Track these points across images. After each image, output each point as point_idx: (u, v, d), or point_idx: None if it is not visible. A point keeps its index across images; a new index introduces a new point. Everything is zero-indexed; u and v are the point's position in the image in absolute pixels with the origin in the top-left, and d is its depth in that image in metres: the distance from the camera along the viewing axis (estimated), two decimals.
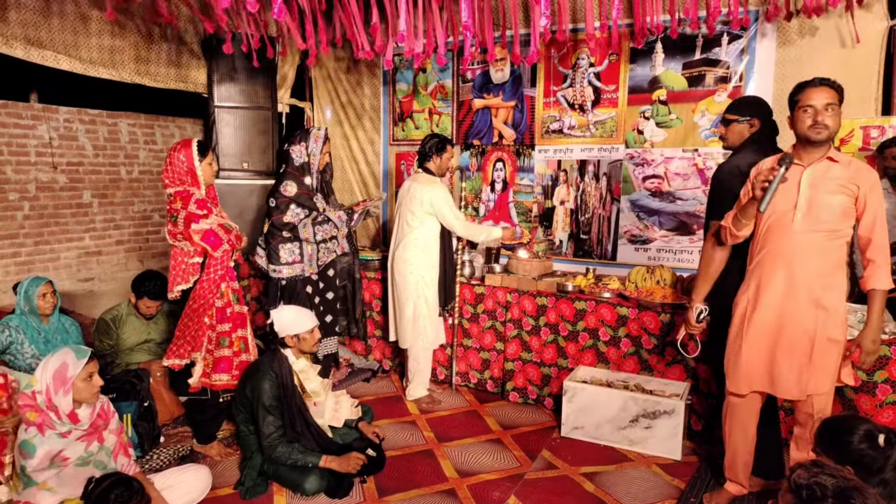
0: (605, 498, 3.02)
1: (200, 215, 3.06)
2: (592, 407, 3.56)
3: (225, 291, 3.18)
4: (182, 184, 3.12)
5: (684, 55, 4.28)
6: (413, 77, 5.37)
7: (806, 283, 2.48)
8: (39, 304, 3.50)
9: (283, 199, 3.65)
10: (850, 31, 3.76)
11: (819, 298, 2.47)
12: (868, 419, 2.31)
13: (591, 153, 4.69)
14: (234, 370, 3.21)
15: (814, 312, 2.48)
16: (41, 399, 2.36)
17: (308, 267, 3.71)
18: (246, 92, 4.99)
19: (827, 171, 2.46)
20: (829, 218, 2.45)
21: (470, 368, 4.42)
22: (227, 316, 3.20)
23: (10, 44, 3.93)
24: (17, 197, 4.69)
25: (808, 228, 2.46)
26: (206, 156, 3.17)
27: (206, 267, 3.13)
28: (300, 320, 3.17)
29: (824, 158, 2.47)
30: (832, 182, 2.44)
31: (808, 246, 2.47)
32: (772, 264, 2.55)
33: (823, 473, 1.61)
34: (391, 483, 3.14)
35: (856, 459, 1.96)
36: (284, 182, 3.68)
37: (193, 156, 3.11)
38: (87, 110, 5.10)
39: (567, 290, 4.02)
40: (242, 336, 3.27)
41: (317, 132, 3.76)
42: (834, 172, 2.45)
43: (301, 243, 3.68)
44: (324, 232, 3.71)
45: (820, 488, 1.56)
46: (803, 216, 2.47)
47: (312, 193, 3.73)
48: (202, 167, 3.14)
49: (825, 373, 2.50)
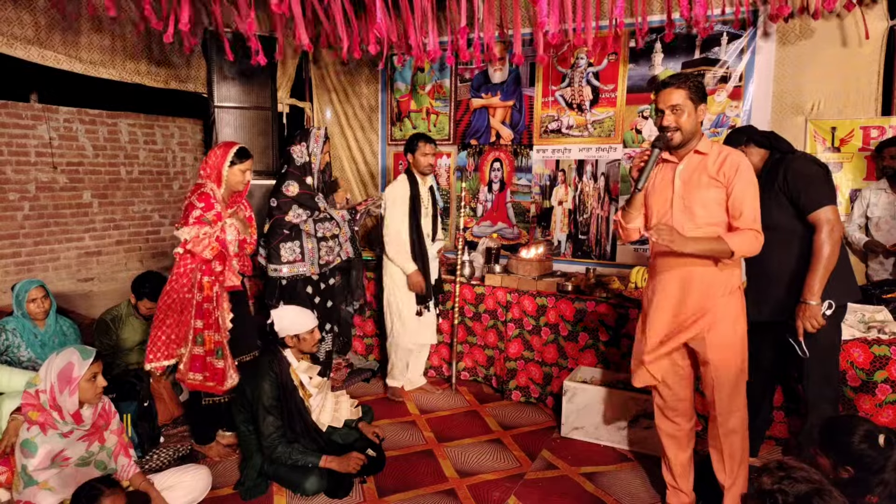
0: (605, 498, 3.02)
1: (198, 207, 3.04)
2: (592, 407, 3.56)
3: (206, 284, 3.08)
4: (205, 177, 3.15)
5: (684, 55, 4.28)
6: (411, 77, 5.38)
7: (693, 277, 2.48)
8: (30, 308, 3.44)
9: (284, 199, 3.65)
10: (850, 31, 3.76)
11: (708, 286, 2.48)
12: (868, 419, 2.32)
13: (590, 153, 4.69)
14: (207, 372, 3.10)
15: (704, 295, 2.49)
16: (45, 398, 2.36)
17: (310, 266, 3.70)
18: (246, 92, 4.99)
19: (697, 165, 2.46)
20: (704, 212, 2.44)
21: (476, 364, 4.44)
22: (202, 311, 3.09)
23: (10, 44, 3.93)
24: (17, 197, 4.69)
25: (687, 224, 2.45)
26: (240, 163, 3.16)
27: (179, 260, 3.10)
28: (301, 321, 3.17)
29: (692, 152, 2.48)
30: (703, 176, 2.44)
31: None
32: (662, 262, 2.56)
33: (788, 478, 1.62)
34: (391, 483, 3.14)
35: (856, 459, 1.96)
36: (287, 182, 3.68)
37: (226, 157, 3.13)
38: (87, 110, 5.10)
39: (567, 290, 4.02)
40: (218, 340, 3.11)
41: (317, 132, 3.76)
42: (703, 165, 2.45)
43: (302, 241, 3.68)
44: (325, 229, 3.71)
45: (782, 495, 1.59)
46: (680, 213, 2.47)
47: (314, 193, 3.73)
48: (229, 170, 3.14)
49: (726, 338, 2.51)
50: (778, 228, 2.76)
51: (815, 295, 2.66)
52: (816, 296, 2.66)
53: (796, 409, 3.31)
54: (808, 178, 2.71)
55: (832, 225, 2.65)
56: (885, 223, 3.76)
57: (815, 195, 2.68)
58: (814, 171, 2.74)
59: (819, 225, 2.66)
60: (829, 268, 2.65)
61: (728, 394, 2.54)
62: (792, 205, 2.74)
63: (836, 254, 2.66)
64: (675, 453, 2.80)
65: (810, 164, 2.77)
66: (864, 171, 3.91)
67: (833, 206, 2.68)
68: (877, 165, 3.84)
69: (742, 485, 2.63)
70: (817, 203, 2.67)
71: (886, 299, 3.38)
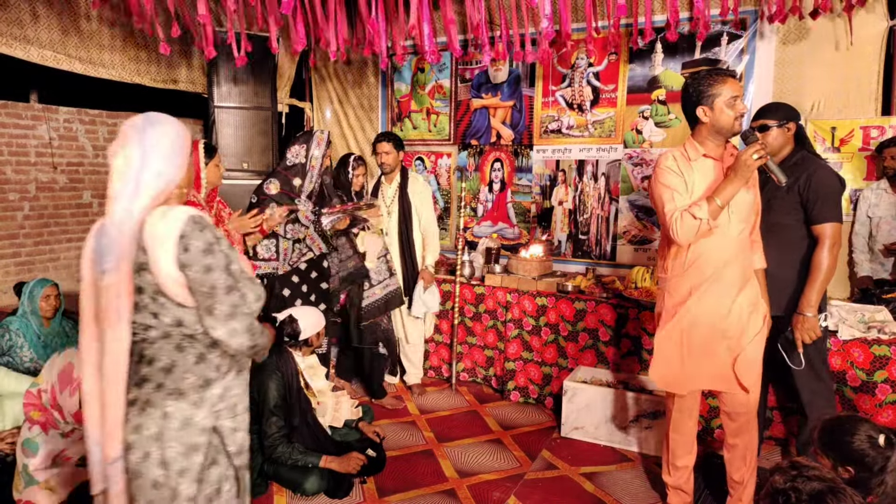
0: (605, 498, 3.02)
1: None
2: (592, 407, 3.56)
3: None
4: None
5: (684, 55, 4.28)
6: (411, 77, 5.38)
7: (734, 280, 2.48)
8: (42, 305, 3.49)
9: (263, 197, 3.64)
10: (850, 31, 3.76)
11: (750, 297, 2.50)
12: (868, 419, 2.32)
13: (590, 153, 4.70)
14: None
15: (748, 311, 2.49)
16: (46, 398, 2.36)
17: (282, 265, 3.68)
18: (246, 92, 4.99)
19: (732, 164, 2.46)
20: (747, 213, 2.46)
21: (476, 365, 4.44)
22: None
23: (10, 44, 3.93)
24: (17, 197, 4.69)
25: (735, 225, 2.45)
26: (213, 157, 3.12)
27: None
28: (319, 319, 3.25)
29: (730, 150, 2.48)
30: None
31: (737, 243, 2.46)
32: (708, 264, 2.47)
33: (801, 476, 1.62)
34: (391, 483, 3.14)
35: (856, 460, 1.96)
36: (270, 180, 3.68)
37: (200, 157, 3.05)
38: (87, 110, 5.10)
39: (567, 290, 4.02)
40: None
41: (320, 135, 3.71)
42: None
43: (278, 241, 3.67)
44: (294, 231, 3.64)
45: (795, 493, 1.58)
46: (733, 214, 2.43)
47: (296, 195, 3.66)
48: (208, 169, 3.09)
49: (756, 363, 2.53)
50: (781, 230, 2.78)
51: (813, 307, 2.71)
52: (814, 308, 2.71)
53: (795, 409, 3.31)
54: (828, 191, 2.75)
55: (834, 241, 2.72)
56: (886, 223, 3.77)
57: (829, 209, 2.73)
58: (835, 186, 2.79)
59: (822, 239, 2.72)
60: (826, 282, 2.73)
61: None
62: (802, 208, 2.76)
63: (834, 269, 2.74)
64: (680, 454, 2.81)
65: (834, 178, 2.80)
66: (864, 171, 3.91)
67: (840, 224, 2.75)
68: (877, 166, 3.84)
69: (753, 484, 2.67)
70: (828, 217, 2.72)
71: (886, 299, 3.38)
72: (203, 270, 1.52)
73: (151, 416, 1.59)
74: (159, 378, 1.59)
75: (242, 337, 1.60)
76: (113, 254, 1.49)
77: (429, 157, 5.39)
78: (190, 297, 1.55)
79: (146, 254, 1.51)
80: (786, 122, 2.85)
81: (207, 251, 1.53)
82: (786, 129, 2.85)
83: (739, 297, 2.48)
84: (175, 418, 1.59)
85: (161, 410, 1.58)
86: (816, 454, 2.10)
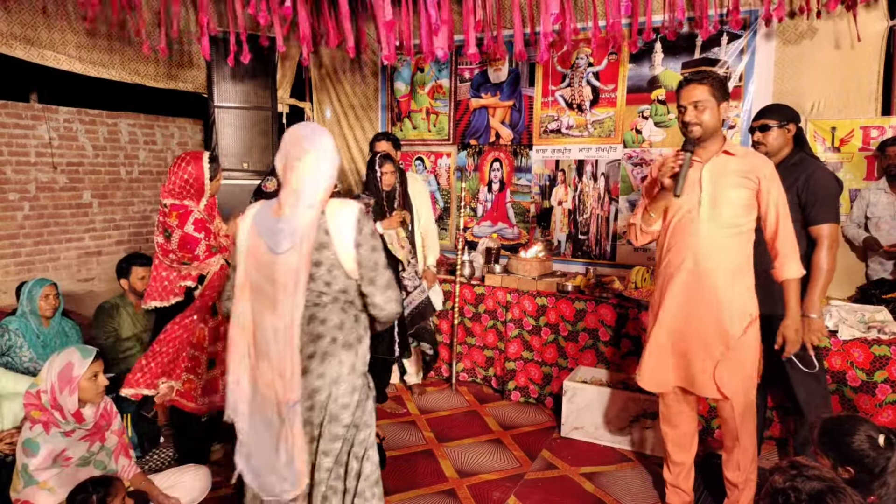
0: (605, 498, 3.02)
1: (199, 237, 2.89)
2: (592, 407, 3.56)
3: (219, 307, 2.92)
4: (182, 197, 2.93)
5: (683, 55, 4.28)
6: (411, 76, 5.38)
7: (711, 280, 2.48)
8: (41, 304, 3.48)
9: (261, 197, 3.66)
10: (850, 31, 3.76)
11: (737, 302, 2.49)
12: (868, 419, 2.32)
13: (590, 153, 4.69)
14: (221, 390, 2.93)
15: (720, 310, 2.48)
16: (46, 398, 2.36)
17: None
18: (246, 92, 4.99)
19: (725, 165, 2.47)
20: (731, 213, 2.46)
21: (475, 365, 4.44)
22: (220, 335, 2.90)
23: (10, 44, 3.93)
24: (17, 197, 4.69)
25: (713, 224, 2.47)
26: (217, 175, 3.04)
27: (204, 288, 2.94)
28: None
29: (720, 152, 2.49)
30: (732, 176, 2.46)
31: (713, 243, 2.47)
32: (679, 263, 2.54)
33: (801, 476, 1.61)
34: (391, 483, 3.13)
35: (856, 460, 1.96)
36: (268, 178, 3.71)
37: (204, 170, 2.97)
38: (86, 110, 5.10)
39: (567, 290, 4.02)
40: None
41: None
42: (732, 166, 2.46)
43: None
44: None
45: (795, 493, 1.58)
46: (707, 212, 2.47)
47: None
48: (213, 184, 3.02)
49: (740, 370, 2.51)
50: None
51: (817, 309, 2.71)
52: (818, 310, 2.72)
53: (791, 409, 3.30)
54: (826, 192, 2.77)
55: (832, 241, 2.73)
56: (885, 223, 3.76)
57: (827, 210, 2.75)
58: (834, 188, 2.81)
59: (820, 240, 2.73)
60: (827, 283, 2.74)
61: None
62: (800, 208, 2.77)
63: (833, 269, 2.75)
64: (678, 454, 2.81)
65: (832, 180, 2.83)
66: (864, 171, 3.91)
67: (837, 225, 2.77)
68: (879, 164, 3.84)
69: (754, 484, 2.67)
70: (826, 218, 2.74)
71: (886, 299, 3.38)
72: (370, 249, 1.93)
73: (331, 363, 1.96)
74: (334, 333, 1.96)
75: (394, 304, 2.00)
76: (294, 236, 1.84)
77: (428, 157, 5.39)
78: (356, 270, 1.93)
79: (328, 235, 1.89)
80: (786, 123, 2.87)
81: (373, 235, 1.95)
82: (786, 130, 2.87)
83: (720, 301, 2.47)
84: (346, 365, 1.98)
85: (338, 359, 1.96)
86: (816, 454, 2.10)
